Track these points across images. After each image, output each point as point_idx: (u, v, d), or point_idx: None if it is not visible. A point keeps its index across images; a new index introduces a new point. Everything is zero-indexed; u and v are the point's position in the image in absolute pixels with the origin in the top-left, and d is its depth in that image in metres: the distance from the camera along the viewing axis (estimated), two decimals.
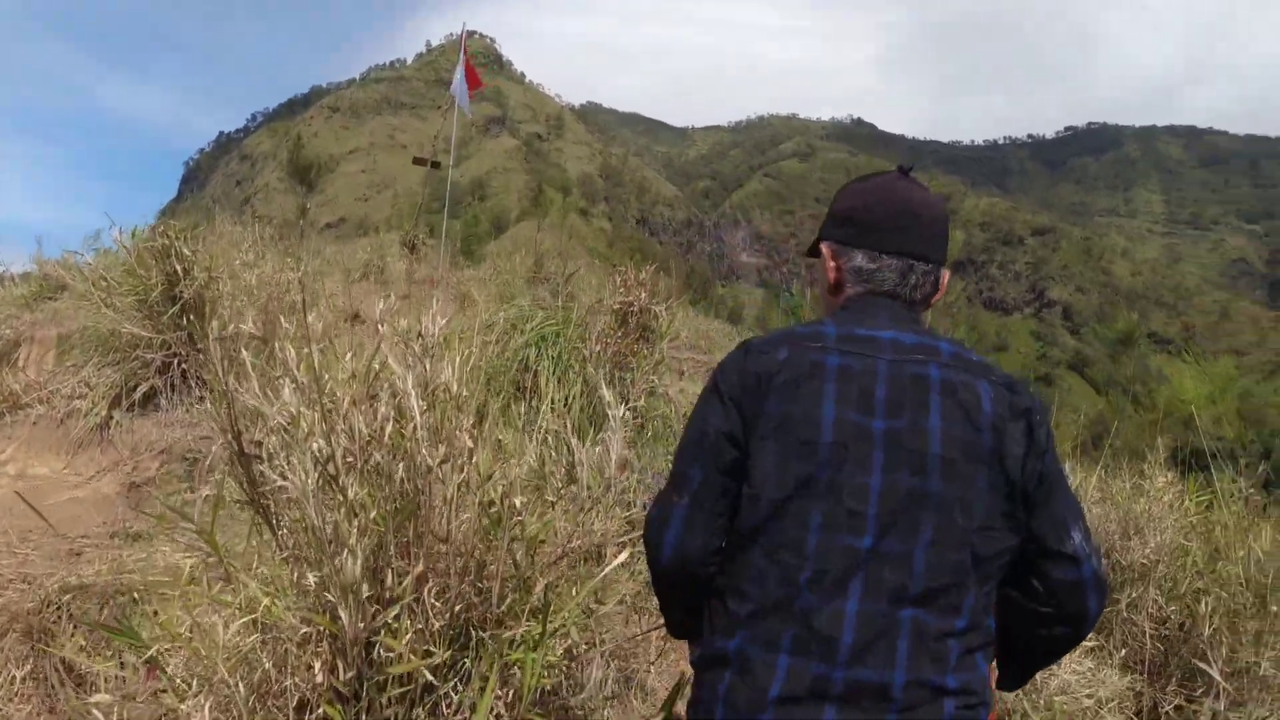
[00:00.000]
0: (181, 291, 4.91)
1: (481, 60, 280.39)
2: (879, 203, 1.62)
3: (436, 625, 2.20)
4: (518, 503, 2.35)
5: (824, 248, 1.69)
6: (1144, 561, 4.01)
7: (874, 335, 1.51)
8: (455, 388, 2.44)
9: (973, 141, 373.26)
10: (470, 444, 2.36)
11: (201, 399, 4.90)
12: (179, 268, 4.90)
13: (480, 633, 2.32)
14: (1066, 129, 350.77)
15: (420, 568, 2.24)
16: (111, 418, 4.90)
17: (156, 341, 4.97)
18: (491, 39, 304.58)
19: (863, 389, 1.44)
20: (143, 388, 4.97)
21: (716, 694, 1.42)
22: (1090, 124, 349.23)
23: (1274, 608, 3.69)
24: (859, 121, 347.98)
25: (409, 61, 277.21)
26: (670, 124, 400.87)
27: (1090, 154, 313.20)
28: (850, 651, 1.35)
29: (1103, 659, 3.78)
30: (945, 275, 1.65)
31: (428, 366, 2.48)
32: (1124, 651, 3.88)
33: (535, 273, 11.81)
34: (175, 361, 5.03)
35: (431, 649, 2.17)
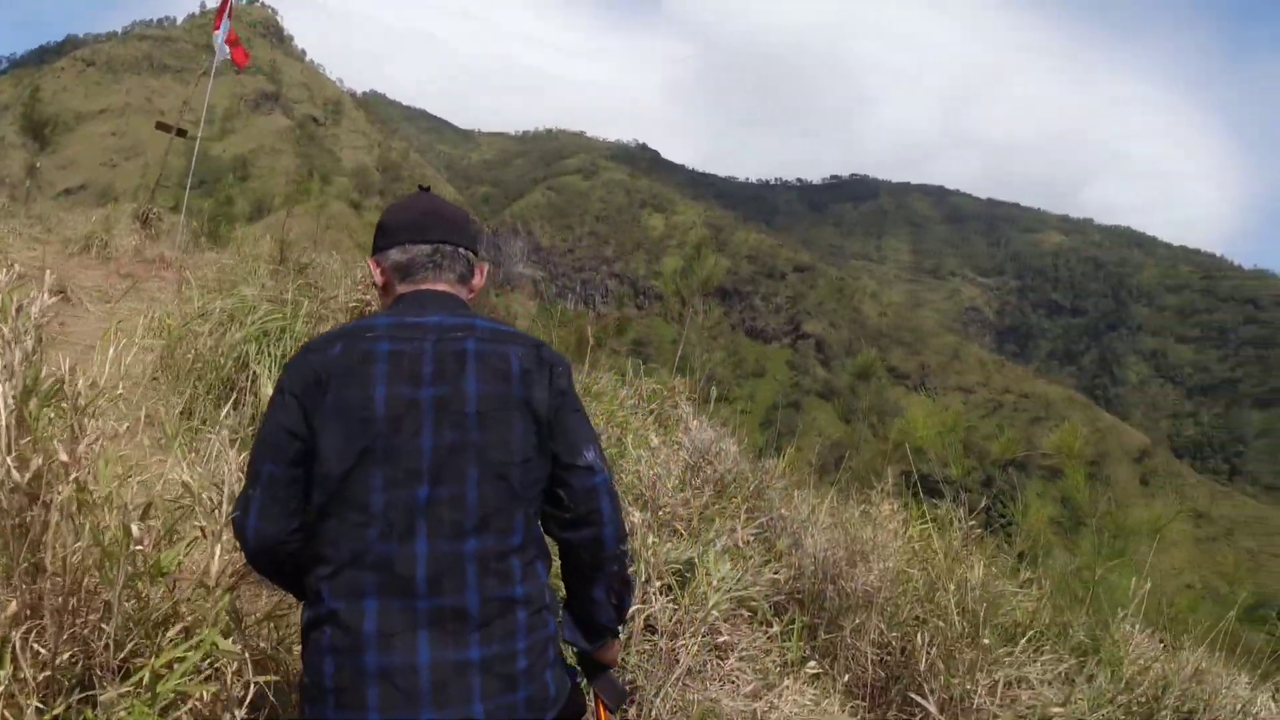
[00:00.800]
0: None
1: (261, 31, 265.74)
2: (404, 210, 1.95)
3: (34, 675, 1.90)
4: (135, 529, 2.06)
5: (370, 263, 1.97)
6: (868, 588, 4.13)
7: (421, 322, 1.77)
8: (79, 385, 2.20)
9: (747, 179, 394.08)
10: (68, 458, 2.03)
11: None
12: None
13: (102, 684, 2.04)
14: (832, 177, 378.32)
15: (14, 606, 1.93)
16: None
17: None
18: (274, 10, 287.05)
19: (412, 368, 1.70)
20: None
21: (322, 649, 1.61)
22: (853, 175, 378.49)
23: (986, 639, 3.77)
24: (643, 146, 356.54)
25: (179, 21, 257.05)
26: (456, 124, 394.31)
27: (850, 201, 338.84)
28: (426, 584, 1.60)
29: (825, 687, 3.81)
30: (482, 266, 2.00)
31: (27, 357, 2.03)
32: (847, 677, 3.94)
33: (280, 262, 10.91)
34: None
35: (23, 703, 1.85)
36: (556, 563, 1.95)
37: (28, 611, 1.96)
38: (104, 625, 2.07)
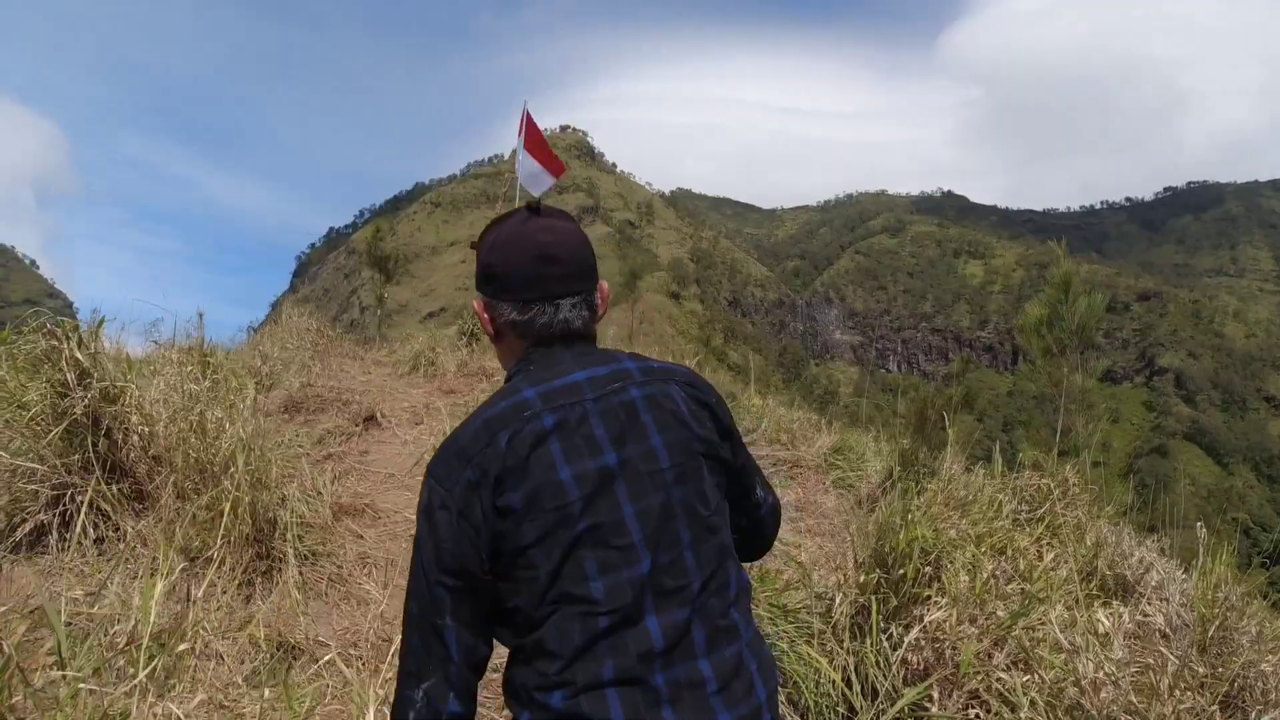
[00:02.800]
0: (71, 406, 3.91)
1: (575, 154, 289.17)
2: (513, 254, 1.71)
3: None
4: None
5: (475, 303, 1.81)
6: None
7: (570, 382, 1.62)
8: None
9: (1067, 208, 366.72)
10: None
11: (99, 541, 3.87)
12: (71, 376, 3.91)
13: None
14: (1165, 189, 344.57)
15: None
16: None
17: (39, 470, 3.98)
18: (584, 132, 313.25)
19: (585, 436, 1.56)
20: (28, 525, 3.97)
21: None
22: (1190, 183, 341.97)
23: None
24: (948, 194, 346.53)
25: (505, 157, 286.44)
26: (759, 206, 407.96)
27: (1190, 212, 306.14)
28: (662, 659, 1.50)
29: None
30: (603, 287, 1.80)
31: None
32: None
33: None
34: (69, 493, 4.01)
35: None
36: None
37: None
38: None
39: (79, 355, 3.94)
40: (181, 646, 3.60)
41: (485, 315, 1.77)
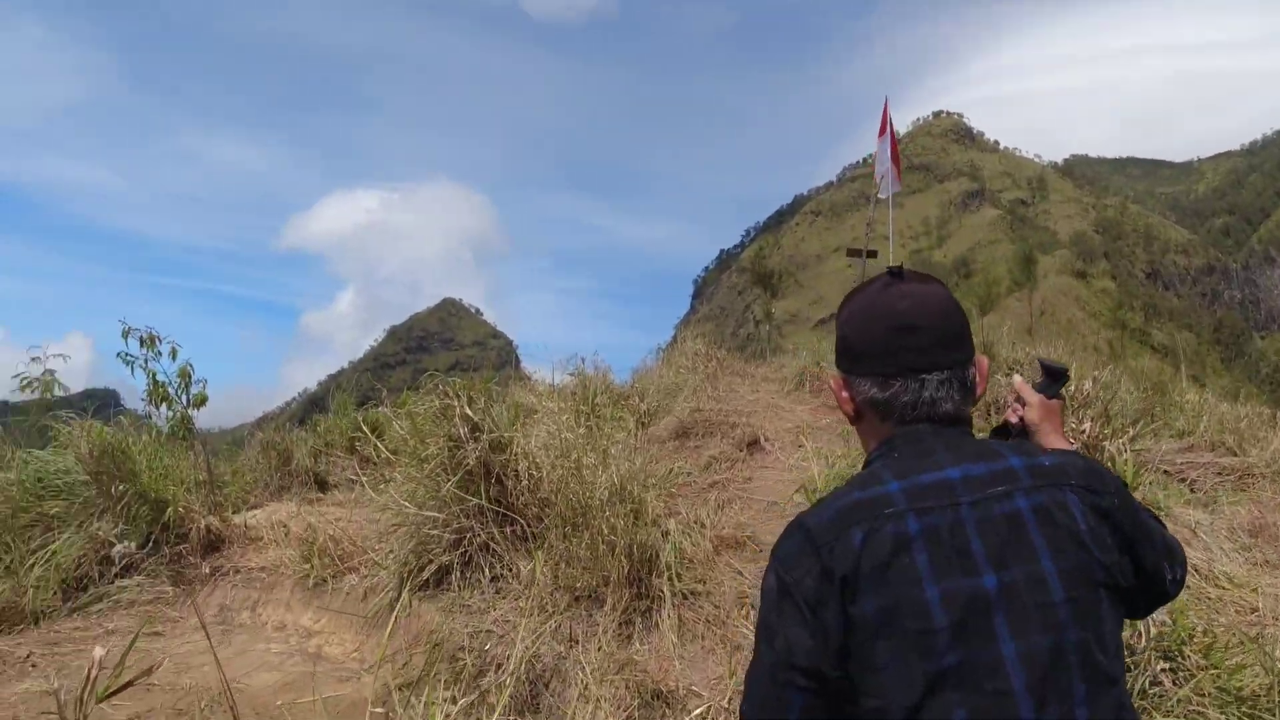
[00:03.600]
0: (465, 458, 4.18)
1: (952, 137, 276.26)
2: (868, 326, 1.54)
3: None
4: None
5: (832, 380, 1.63)
6: None
7: (942, 479, 1.38)
8: None
9: None
10: None
11: (495, 579, 4.08)
12: (463, 430, 4.18)
13: None
14: None
15: None
16: (400, 597, 4.29)
17: (440, 517, 4.30)
18: (959, 115, 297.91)
19: (958, 549, 1.31)
20: (431, 567, 4.29)
21: None
22: None
23: None
24: None
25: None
26: (1170, 160, 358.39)
27: None
28: None
29: None
30: (982, 363, 1.57)
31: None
32: None
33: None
34: (467, 537, 4.29)
35: None
36: None
37: None
38: None
39: (469, 411, 4.23)
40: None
41: (844, 394, 1.60)
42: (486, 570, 4.30)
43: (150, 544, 6.14)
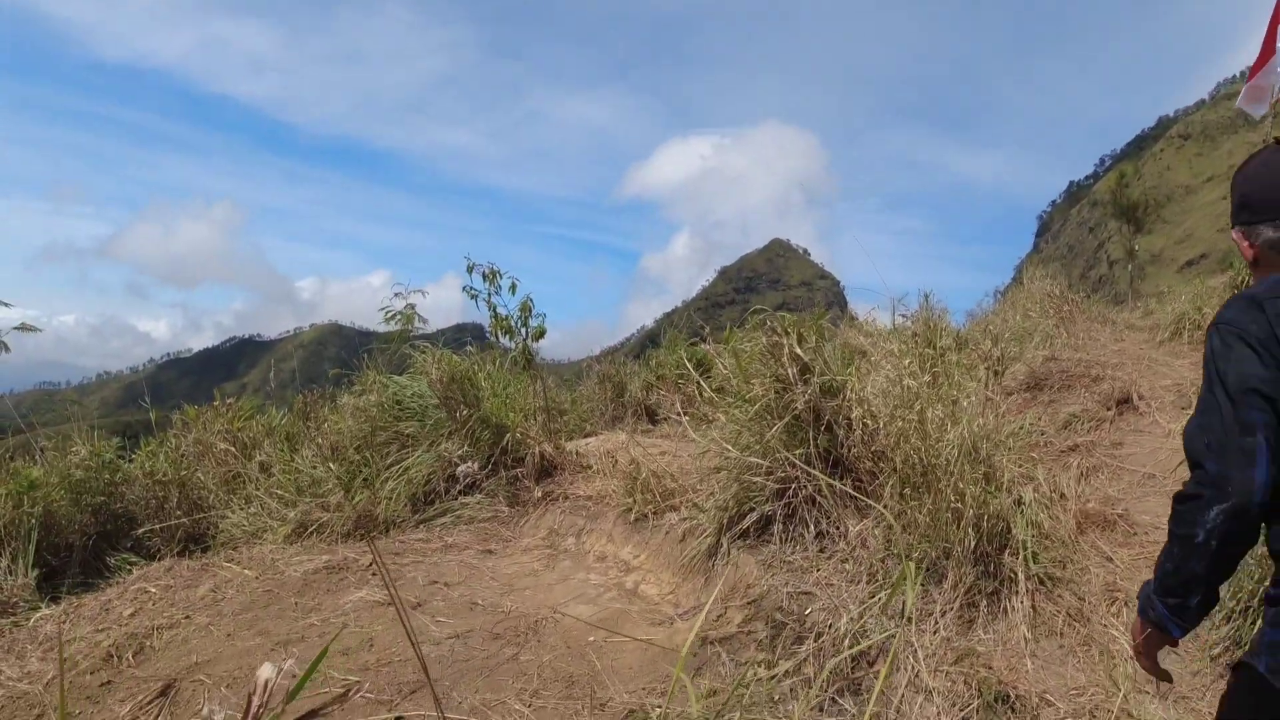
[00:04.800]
0: (792, 401, 3.78)
1: None
2: (1265, 179, 1.85)
3: None
4: None
5: (1234, 235, 1.92)
6: None
7: None
8: None
9: None
10: None
11: (820, 536, 3.71)
12: (791, 371, 3.79)
13: None
14: None
15: None
16: (720, 544, 4.02)
17: (763, 464, 3.94)
18: None
19: None
20: (752, 516, 3.98)
21: None
22: None
23: None
24: None
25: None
26: None
27: None
28: None
29: None
30: None
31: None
32: None
33: None
34: (792, 487, 3.92)
35: None
36: None
37: None
38: None
39: (799, 351, 3.82)
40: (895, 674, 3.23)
41: (1245, 243, 1.88)
42: (811, 526, 3.92)
43: (491, 466, 6.41)
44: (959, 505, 3.46)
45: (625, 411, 8.99)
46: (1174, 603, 1.71)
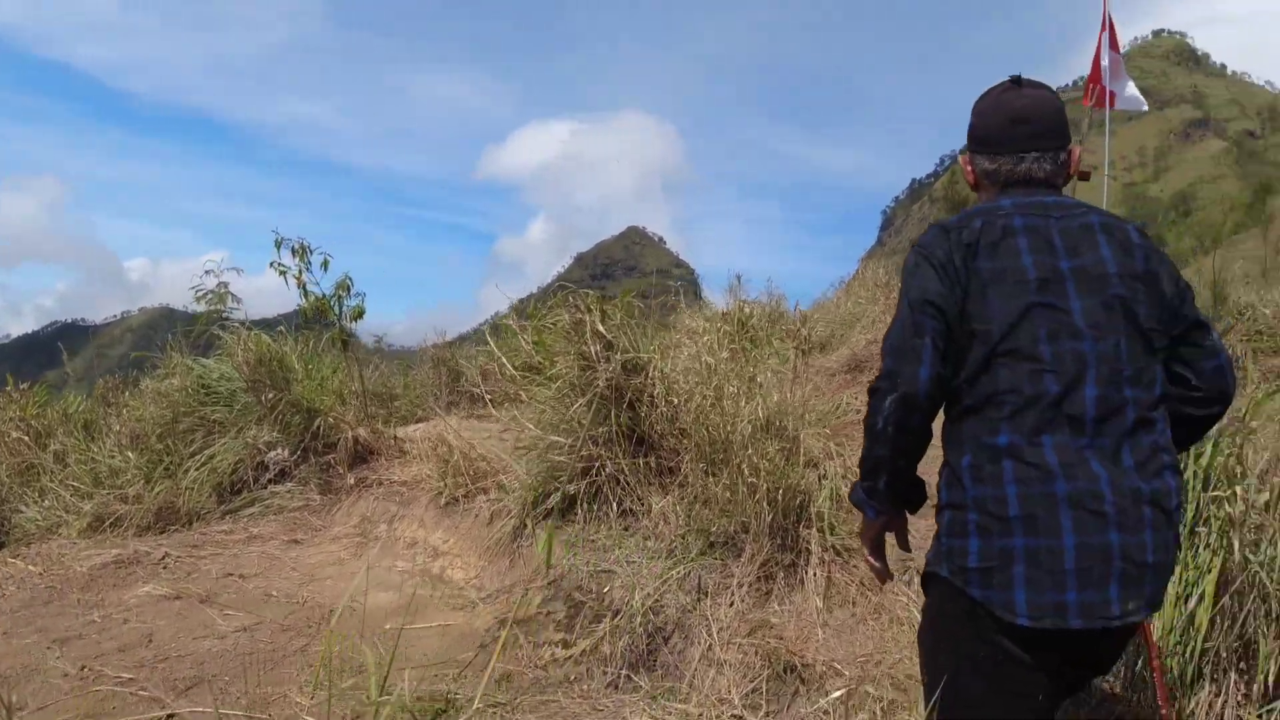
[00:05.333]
0: (595, 379, 3.72)
1: (1174, 60, 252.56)
2: (991, 114, 2.03)
3: None
4: None
5: (960, 158, 2.13)
6: None
7: (1038, 201, 1.92)
8: None
9: None
10: None
11: (625, 515, 3.66)
12: (594, 349, 3.73)
13: None
14: None
15: None
16: (525, 525, 3.93)
17: (565, 442, 3.87)
18: (1182, 34, 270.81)
19: (1046, 241, 1.85)
20: (557, 495, 3.91)
21: (1002, 478, 1.74)
22: None
23: None
24: None
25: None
26: None
27: None
28: (1092, 426, 1.73)
29: None
30: (1074, 151, 2.04)
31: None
32: None
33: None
34: (596, 466, 3.86)
35: None
36: None
37: None
38: None
39: (601, 328, 3.76)
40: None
41: (968, 167, 2.09)
42: (614, 504, 3.88)
43: (302, 452, 6.12)
44: (754, 480, 3.47)
45: (461, 396, 8.78)
46: (867, 485, 1.91)
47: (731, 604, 3.40)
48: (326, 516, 5.72)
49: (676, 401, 3.82)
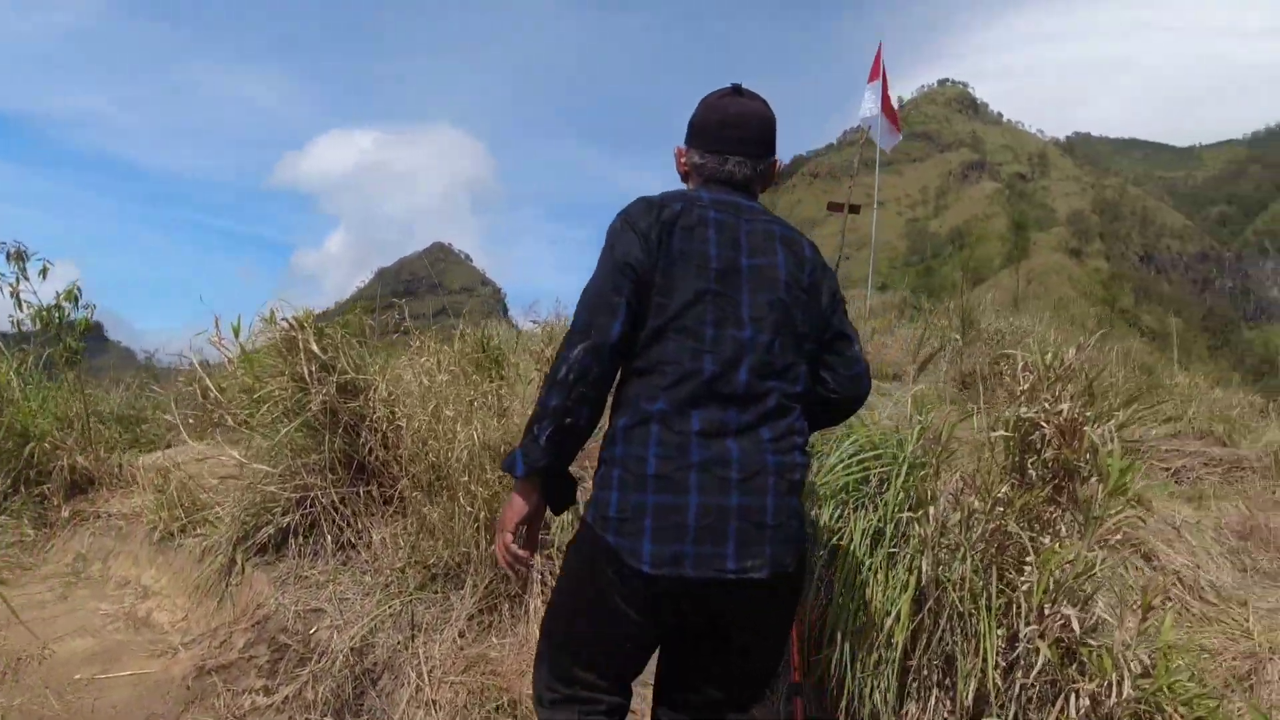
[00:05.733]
0: (309, 403, 3.47)
1: (956, 107, 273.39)
2: (706, 116, 2.21)
3: None
4: None
5: (677, 149, 2.28)
6: None
7: (735, 201, 2.12)
8: None
9: None
10: None
11: (344, 548, 3.42)
12: (308, 370, 3.48)
13: None
14: None
15: None
16: (235, 562, 3.63)
17: (276, 471, 3.61)
18: (964, 84, 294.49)
19: (733, 236, 2.04)
20: (269, 528, 3.63)
21: (647, 440, 1.90)
22: None
23: None
24: None
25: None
26: (1172, 145, 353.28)
27: None
28: (739, 401, 1.93)
29: None
30: (774, 165, 2.26)
31: None
32: None
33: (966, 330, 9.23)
34: (311, 496, 3.61)
35: None
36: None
37: None
38: None
39: (315, 348, 3.51)
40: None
41: (681, 158, 2.26)
42: (329, 537, 3.63)
43: (12, 483, 5.49)
44: (473, 508, 3.32)
45: (221, 419, 8.16)
46: (527, 440, 1.94)
47: (449, 640, 3.24)
48: (39, 553, 5.14)
49: (397, 427, 3.61)
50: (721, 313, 1.96)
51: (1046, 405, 2.79)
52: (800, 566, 2.01)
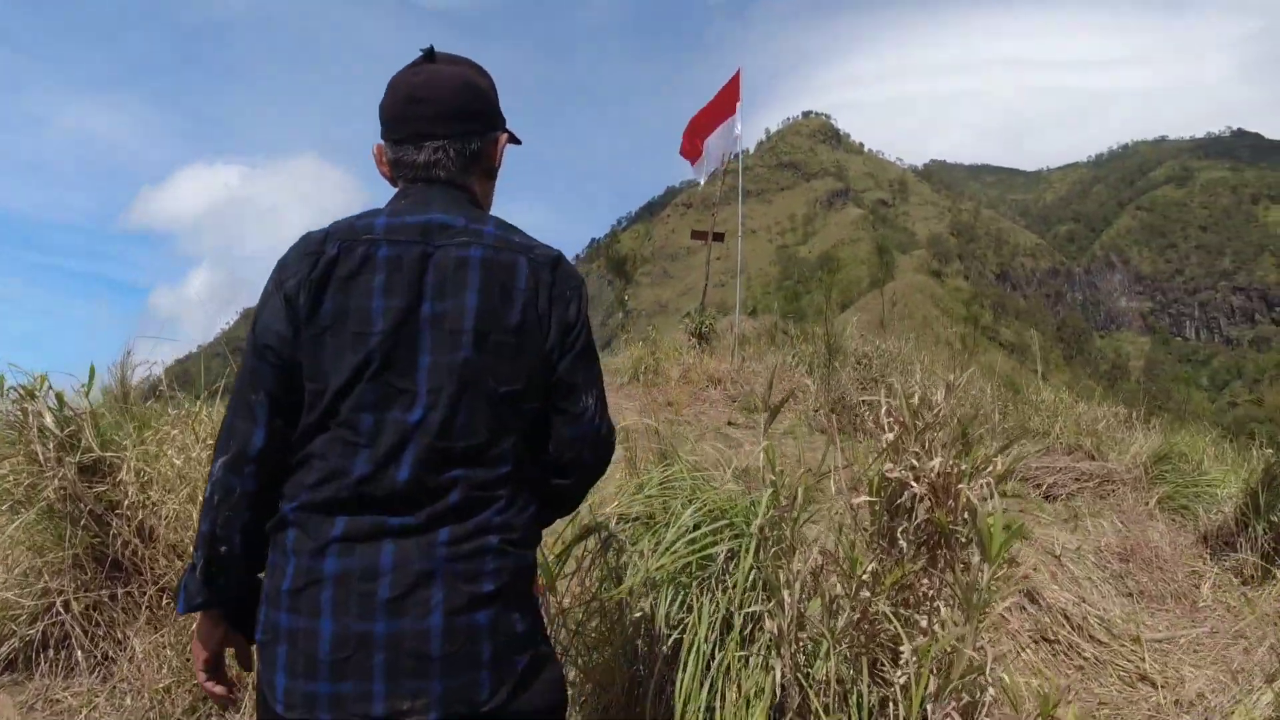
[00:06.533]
0: (44, 489, 2.82)
1: (820, 138, 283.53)
2: (390, 96, 1.68)
3: None
4: None
5: (375, 146, 1.75)
6: None
7: (425, 221, 1.58)
8: None
9: None
10: None
11: (104, 662, 2.77)
12: (44, 450, 2.83)
13: None
14: None
15: None
16: None
17: (12, 575, 2.95)
18: (827, 115, 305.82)
19: (410, 276, 1.53)
20: (12, 643, 2.95)
21: (285, 546, 1.50)
22: None
23: None
24: (1239, 133, 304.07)
25: (751, 151, 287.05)
26: (1022, 169, 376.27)
27: None
28: (403, 505, 1.47)
29: None
30: (498, 140, 1.74)
31: None
32: None
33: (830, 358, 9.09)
34: (57, 603, 2.94)
35: None
36: None
37: None
38: None
39: (50, 423, 2.85)
40: None
41: (382, 156, 1.73)
42: (80, 651, 2.96)
43: None
44: None
45: None
46: (188, 572, 1.57)
47: None
48: None
49: (149, 513, 2.95)
50: (384, 392, 1.50)
51: (915, 461, 2.39)
52: (537, 698, 1.52)
